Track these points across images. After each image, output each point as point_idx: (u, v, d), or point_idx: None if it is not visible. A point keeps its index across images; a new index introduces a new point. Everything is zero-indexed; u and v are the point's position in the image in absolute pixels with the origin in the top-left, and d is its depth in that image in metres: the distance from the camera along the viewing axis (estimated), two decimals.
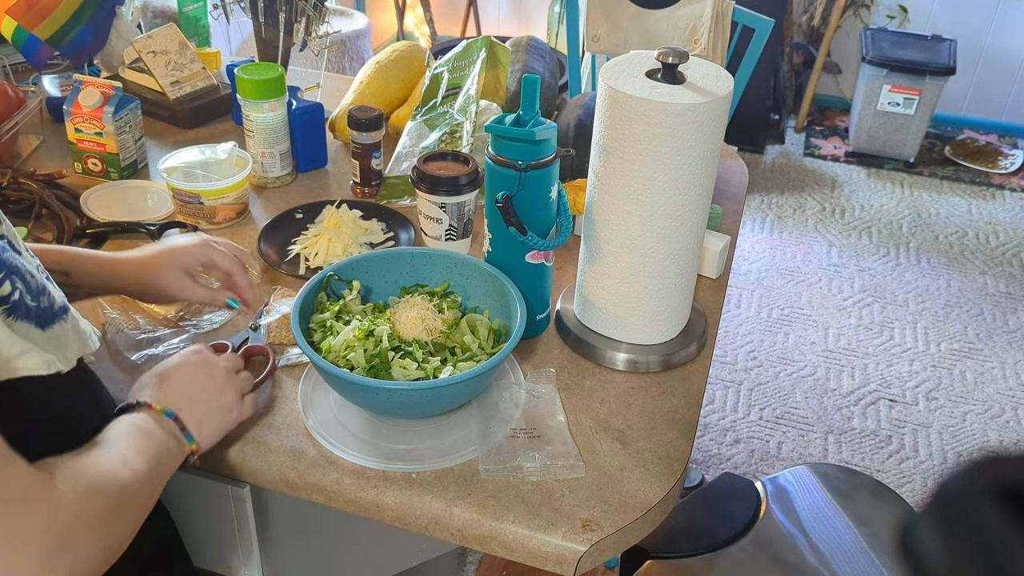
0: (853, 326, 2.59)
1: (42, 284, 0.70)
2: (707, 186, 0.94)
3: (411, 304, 0.94)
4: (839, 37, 3.68)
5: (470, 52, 1.37)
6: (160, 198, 1.27)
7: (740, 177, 1.45)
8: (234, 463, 0.86)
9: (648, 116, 0.87)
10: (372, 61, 1.52)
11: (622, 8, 1.78)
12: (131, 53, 1.51)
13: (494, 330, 0.95)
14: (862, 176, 3.41)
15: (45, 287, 0.71)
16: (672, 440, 0.90)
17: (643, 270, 0.96)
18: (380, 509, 0.83)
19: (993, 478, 0.30)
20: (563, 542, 0.79)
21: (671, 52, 0.89)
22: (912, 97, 3.29)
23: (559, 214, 0.99)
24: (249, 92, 1.26)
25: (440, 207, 1.10)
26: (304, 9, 1.43)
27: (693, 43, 1.70)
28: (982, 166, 3.46)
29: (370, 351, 0.88)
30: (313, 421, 0.89)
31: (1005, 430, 2.24)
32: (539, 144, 0.92)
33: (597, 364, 1.00)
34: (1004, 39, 3.51)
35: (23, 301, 0.66)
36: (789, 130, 3.70)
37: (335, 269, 0.96)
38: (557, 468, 0.85)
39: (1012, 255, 2.97)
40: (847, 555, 1.20)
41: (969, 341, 2.55)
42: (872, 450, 2.16)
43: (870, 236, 3.03)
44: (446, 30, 4.01)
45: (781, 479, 1.35)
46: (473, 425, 0.89)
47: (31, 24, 1.37)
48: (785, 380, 2.37)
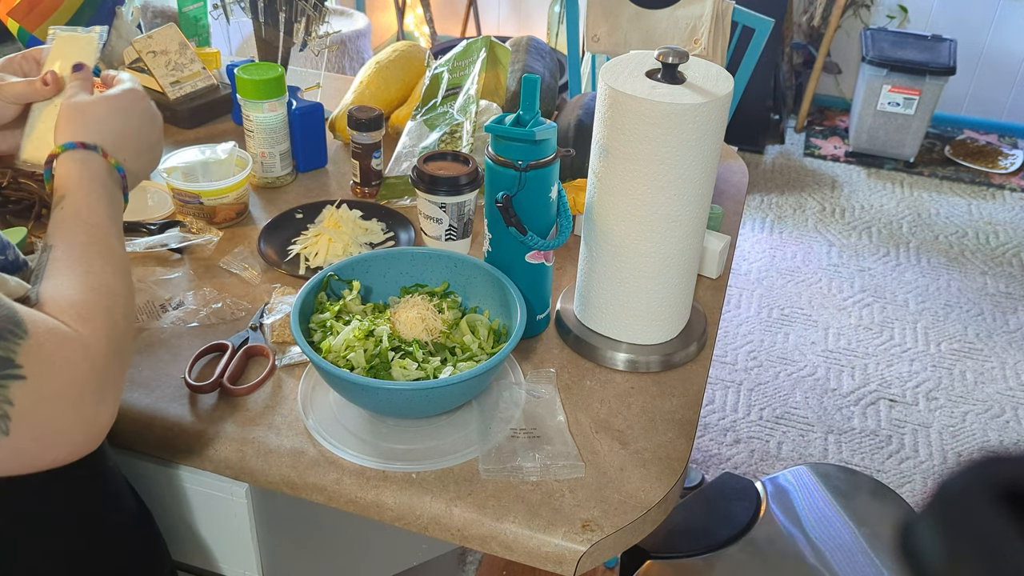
0: (853, 326, 2.59)
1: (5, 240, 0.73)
2: (707, 186, 0.94)
3: (411, 304, 0.94)
4: (839, 37, 3.68)
5: (470, 52, 1.38)
6: (160, 198, 1.27)
7: (740, 177, 1.45)
8: (234, 463, 0.86)
9: (648, 116, 0.87)
10: (372, 61, 1.52)
11: (622, 8, 1.78)
12: (131, 53, 1.51)
13: (494, 330, 0.95)
14: (862, 176, 3.42)
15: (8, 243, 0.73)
16: (672, 440, 0.90)
17: (643, 270, 0.96)
18: (380, 509, 0.83)
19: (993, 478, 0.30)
20: (563, 542, 0.79)
21: (671, 52, 0.89)
22: (912, 97, 3.30)
23: (559, 214, 0.99)
24: (249, 92, 1.26)
25: (440, 207, 1.10)
26: (304, 9, 1.43)
27: (693, 43, 1.70)
28: (982, 166, 3.46)
29: (370, 351, 0.88)
30: (313, 421, 0.89)
31: (1005, 430, 2.24)
32: (539, 144, 0.92)
33: (597, 364, 1.00)
34: (1004, 39, 3.51)
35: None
36: (789, 130, 3.70)
37: (335, 269, 0.96)
38: (557, 468, 0.85)
39: (1012, 255, 2.97)
40: (847, 555, 1.20)
41: (969, 341, 2.55)
42: (872, 450, 2.16)
43: (870, 236, 3.03)
44: (446, 30, 4.01)
45: (781, 479, 1.35)
46: (473, 425, 0.89)
47: (32, 25, 1.37)
48: (785, 380, 2.37)
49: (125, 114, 0.81)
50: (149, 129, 0.83)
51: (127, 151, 0.80)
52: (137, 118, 0.82)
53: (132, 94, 0.82)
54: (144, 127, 0.82)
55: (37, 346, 0.60)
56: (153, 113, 0.84)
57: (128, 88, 0.83)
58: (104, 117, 0.79)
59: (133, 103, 0.82)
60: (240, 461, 0.86)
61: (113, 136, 0.79)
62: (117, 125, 0.80)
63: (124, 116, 0.81)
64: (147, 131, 0.83)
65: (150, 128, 0.83)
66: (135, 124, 0.81)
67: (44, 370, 0.60)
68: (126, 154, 0.79)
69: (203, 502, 0.92)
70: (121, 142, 0.79)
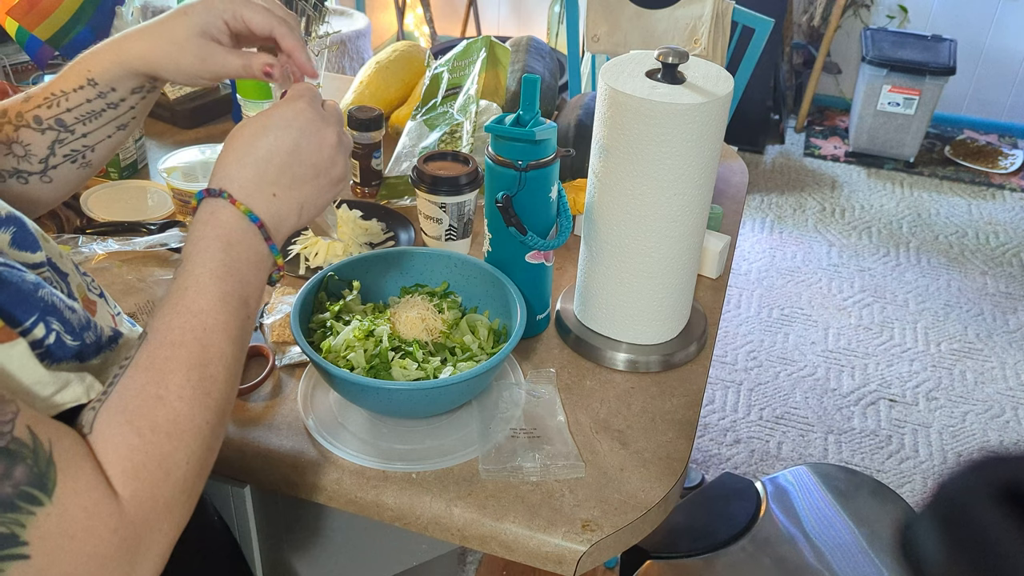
0: (853, 326, 2.59)
1: (85, 318, 0.61)
2: (707, 186, 0.94)
3: (411, 304, 0.94)
4: (839, 37, 3.68)
5: (470, 52, 1.38)
6: (160, 198, 1.27)
7: (740, 177, 1.45)
8: (234, 463, 0.86)
9: (648, 116, 0.87)
10: (372, 61, 1.52)
11: (622, 8, 1.78)
12: None
13: (494, 330, 0.95)
14: (862, 176, 3.41)
15: (90, 321, 0.62)
16: (672, 440, 0.90)
17: (643, 270, 0.96)
18: (380, 509, 0.83)
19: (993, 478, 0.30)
20: (563, 542, 0.79)
21: (671, 52, 0.89)
22: (912, 97, 3.30)
23: (559, 214, 0.99)
24: (249, 92, 1.26)
25: (440, 207, 1.10)
26: (304, 9, 1.43)
27: (693, 43, 1.70)
28: (982, 166, 3.46)
29: (370, 351, 0.88)
30: (313, 421, 0.89)
31: (1005, 430, 2.24)
32: (539, 144, 0.92)
33: (597, 364, 1.00)
34: (1004, 39, 3.51)
35: (61, 342, 0.58)
36: (789, 130, 3.70)
37: (335, 269, 0.96)
38: (557, 468, 0.85)
39: (1012, 255, 2.97)
40: (847, 555, 1.20)
41: (969, 341, 2.55)
42: (872, 450, 2.16)
43: (870, 236, 3.03)
44: (446, 30, 4.01)
45: (781, 479, 1.35)
46: (473, 425, 0.89)
47: (31, 25, 1.37)
48: (785, 380, 2.37)
49: (276, 136, 0.65)
50: (311, 151, 0.66)
51: (277, 185, 0.64)
52: (291, 139, 0.65)
53: (289, 109, 0.66)
54: (304, 148, 0.65)
55: (58, 515, 0.49)
56: (317, 130, 0.66)
57: (286, 101, 0.67)
58: (244, 146, 0.64)
59: (289, 120, 0.65)
60: (240, 461, 0.86)
61: (255, 170, 0.64)
62: (261, 154, 0.64)
63: (274, 139, 0.65)
64: (307, 154, 0.65)
65: (313, 149, 0.66)
66: (287, 147, 0.65)
67: (56, 546, 0.49)
68: (275, 188, 0.64)
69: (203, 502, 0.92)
70: (265, 176, 0.64)
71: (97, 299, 0.67)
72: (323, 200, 0.69)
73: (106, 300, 0.69)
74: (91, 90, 0.75)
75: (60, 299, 0.60)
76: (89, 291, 0.67)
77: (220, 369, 0.59)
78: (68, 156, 0.77)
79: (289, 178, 0.65)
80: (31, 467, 0.49)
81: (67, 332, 0.59)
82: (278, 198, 0.64)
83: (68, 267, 0.65)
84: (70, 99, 0.75)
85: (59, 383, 0.58)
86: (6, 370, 0.54)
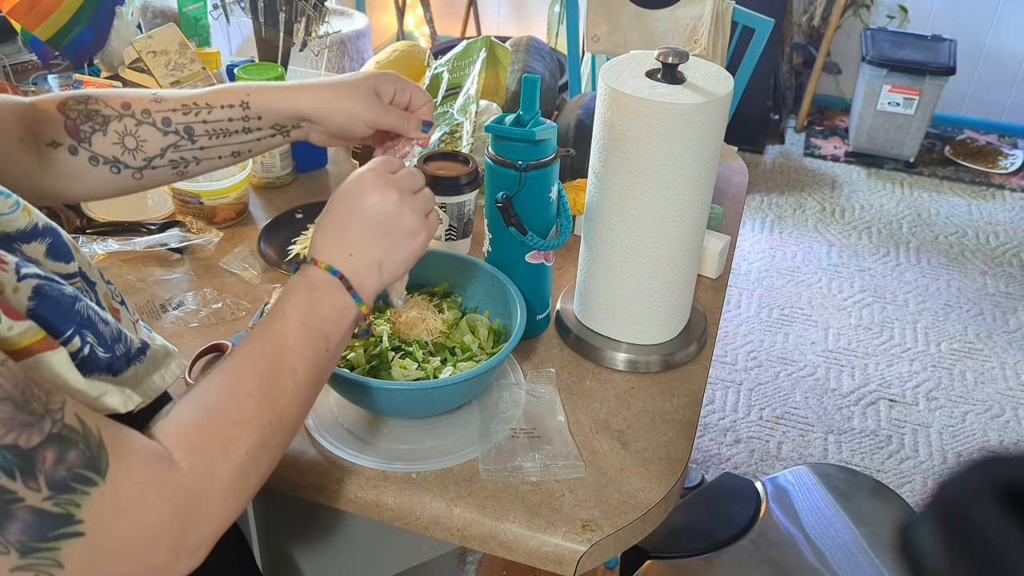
0: (853, 326, 2.59)
1: (116, 330, 0.63)
2: (707, 186, 0.94)
3: (411, 304, 0.94)
4: (839, 37, 3.68)
5: (470, 52, 1.38)
6: (160, 198, 1.27)
7: (740, 177, 1.45)
8: None
9: (648, 116, 0.87)
10: (372, 61, 1.52)
11: (622, 8, 1.78)
12: (131, 53, 1.51)
13: (494, 330, 0.95)
14: (862, 176, 3.41)
15: (121, 333, 0.64)
16: (672, 440, 0.90)
17: (643, 270, 0.96)
18: (380, 509, 0.83)
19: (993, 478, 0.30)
20: (563, 542, 0.79)
21: (671, 52, 0.89)
22: (912, 97, 3.30)
23: (559, 214, 0.99)
24: None
25: (440, 207, 1.10)
26: (304, 9, 1.43)
27: (693, 43, 1.70)
28: (982, 166, 3.46)
29: (370, 351, 0.88)
30: (313, 421, 0.89)
31: (1005, 430, 2.24)
32: (539, 144, 0.92)
33: (597, 364, 1.00)
34: (1004, 39, 3.51)
35: (94, 354, 0.61)
36: (789, 130, 3.70)
37: None
38: (557, 468, 0.85)
39: (1012, 255, 2.97)
40: (847, 555, 1.20)
41: (969, 341, 2.55)
42: (872, 450, 2.16)
43: (870, 236, 3.03)
44: (446, 30, 4.01)
45: (781, 479, 1.35)
46: (473, 425, 0.89)
47: (32, 25, 1.37)
48: (785, 380, 2.37)
49: (344, 204, 0.71)
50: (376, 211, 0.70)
51: (352, 246, 0.69)
52: (356, 203, 0.70)
53: (355, 179, 0.72)
54: (369, 209, 0.70)
55: (111, 493, 0.52)
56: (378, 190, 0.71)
57: (355, 172, 0.73)
58: (326, 219, 0.71)
59: (353, 189, 0.71)
60: None
61: (332, 236, 0.70)
62: (338, 222, 0.70)
63: (342, 207, 0.71)
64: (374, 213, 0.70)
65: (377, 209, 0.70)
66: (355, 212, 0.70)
67: (110, 521, 0.51)
68: (351, 249, 0.69)
69: None
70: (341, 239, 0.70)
71: (119, 307, 0.69)
72: (401, 255, 0.72)
73: (126, 307, 0.70)
74: (239, 110, 0.79)
75: (95, 311, 0.62)
76: (112, 299, 0.68)
77: (290, 383, 0.64)
78: (173, 162, 0.79)
79: (362, 238, 0.70)
80: (83, 451, 0.51)
81: (100, 344, 0.61)
82: (355, 257, 0.70)
83: (95, 276, 0.67)
84: (212, 113, 0.79)
85: (98, 391, 0.60)
86: (51, 372, 0.56)
